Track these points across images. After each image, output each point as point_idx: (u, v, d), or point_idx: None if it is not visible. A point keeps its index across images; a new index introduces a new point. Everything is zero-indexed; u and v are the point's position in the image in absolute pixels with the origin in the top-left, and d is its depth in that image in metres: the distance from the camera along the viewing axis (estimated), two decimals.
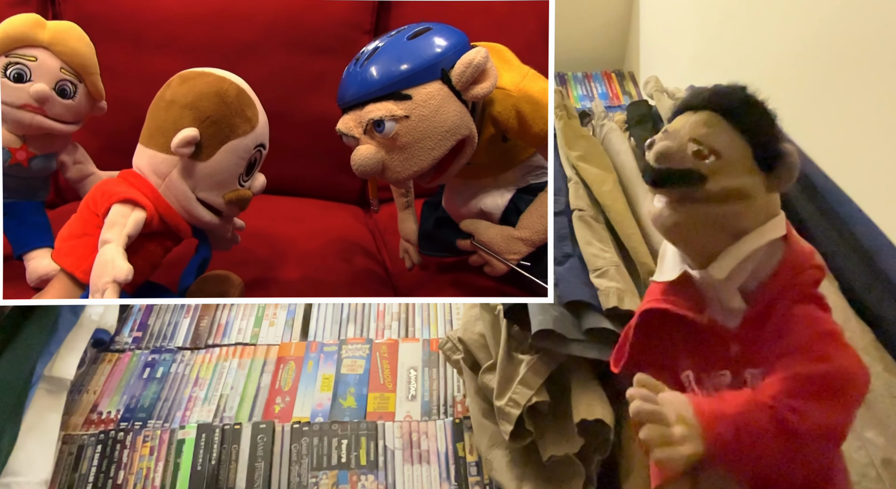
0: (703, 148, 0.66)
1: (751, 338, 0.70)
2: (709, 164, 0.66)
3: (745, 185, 0.66)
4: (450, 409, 1.33)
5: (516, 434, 1.04)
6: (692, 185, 0.66)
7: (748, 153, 0.66)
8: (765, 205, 0.68)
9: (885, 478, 0.83)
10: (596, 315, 1.02)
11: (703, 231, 0.68)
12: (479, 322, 1.20)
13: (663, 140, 0.68)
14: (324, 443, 1.26)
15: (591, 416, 0.97)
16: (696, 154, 0.66)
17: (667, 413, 0.63)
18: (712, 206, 0.66)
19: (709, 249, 0.68)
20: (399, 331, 1.53)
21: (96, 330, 1.42)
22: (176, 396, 1.38)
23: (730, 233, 0.67)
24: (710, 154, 0.66)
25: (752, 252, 0.67)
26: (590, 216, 1.20)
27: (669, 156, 0.67)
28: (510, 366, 1.07)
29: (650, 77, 1.55)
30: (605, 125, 1.47)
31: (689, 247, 0.71)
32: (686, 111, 0.70)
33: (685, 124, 0.68)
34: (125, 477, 1.22)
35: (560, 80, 2.38)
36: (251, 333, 1.53)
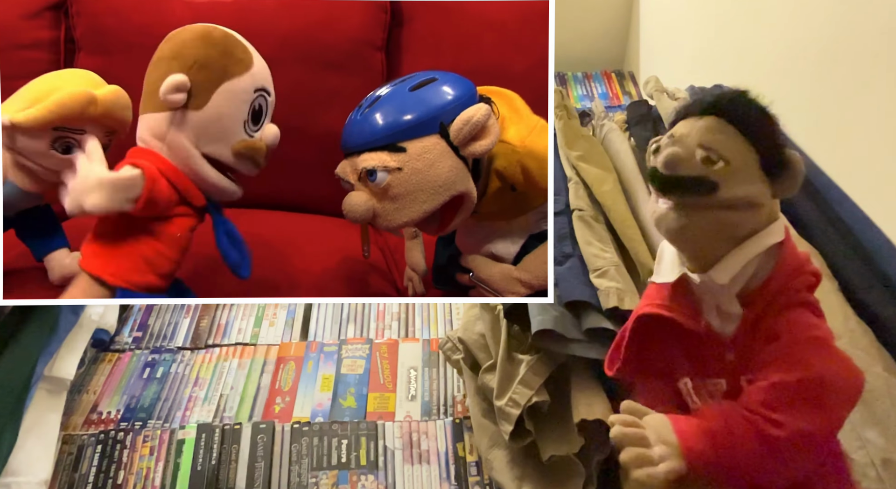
0: (712, 154, 0.65)
1: (745, 344, 0.70)
2: (718, 170, 0.65)
3: (755, 193, 0.66)
4: (450, 409, 1.33)
5: (516, 434, 1.04)
6: (704, 193, 0.65)
7: (755, 160, 0.66)
8: (773, 211, 0.68)
9: (886, 479, 0.83)
10: (596, 315, 1.02)
11: (708, 236, 0.67)
12: (479, 322, 1.20)
13: (670, 146, 0.67)
14: (324, 443, 1.26)
15: (591, 416, 0.97)
16: (705, 160, 0.65)
17: (647, 434, 0.64)
18: (721, 212, 0.66)
19: (711, 254, 0.68)
20: (399, 331, 1.53)
21: (96, 330, 1.42)
22: (176, 396, 1.38)
23: (734, 238, 0.67)
24: (720, 160, 0.65)
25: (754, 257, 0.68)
26: (590, 216, 1.20)
27: (678, 162, 0.66)
28: (510, 366, 1.07)
29: (650, 77, 1.55)
30: (605, 125, 1.47)
31: (691, 251, 0.71)
32: (689, 116, 0.69)
33: (692, 129, 0.67)
34: (125, 477, 1.22)
35: (560, 80, 2.38)
36: (251, 333, 1.53)
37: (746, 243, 0.67)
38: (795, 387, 0.63)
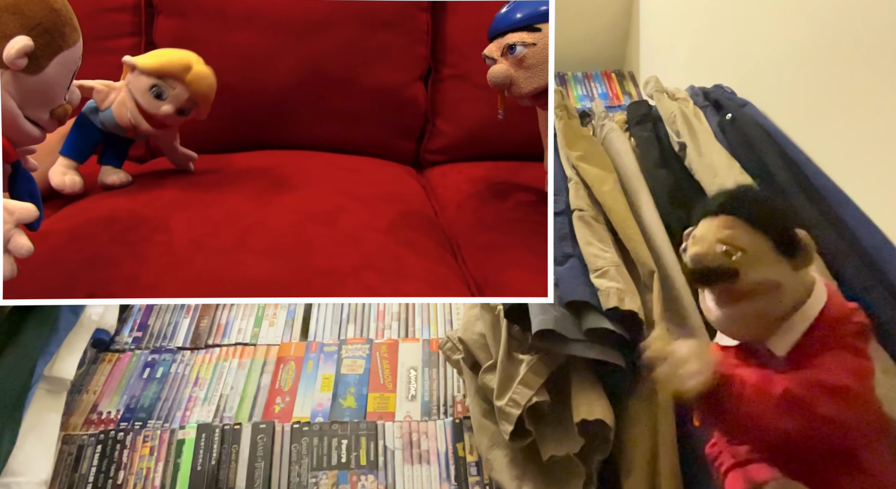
0: (729, 248, 0.77)
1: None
2: (737, 260, 0.76)
3: (774, 275, 0.76)
4: (450, 409, 1.33)
5: (516, 434, 1.04)
6: (728, 280, 0.76)
7: (769, 245, 0.76)
8: (799, 283, 0.77)
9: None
10: (596, 315, 1.02)
11: (753, 324, 0.78)
12: (480, 322, 1.20)
13: (694, 246, 0.80)
14: (324, 443, 1.26)
15: (592, 416, 0.97)
16: (725, 253, 0.77)
17: (681, 352, 0.72)
18: (751, 302, 0.76)
19: (762, 334, 0.78)
20: (399, 331, 1.53)
21: (96, 330, 1.42)
22: (176, 396, 1.38)
23: (774, 318, 0.77)
24: (737, 251, 0.76)
25: (807, 328, 0.76)
26: (590, 216, 1.20)
27: (702, 257, 0.78)
28: (510, 366, 1.07)
29: (650, 77, 1.55)
30: (605, 125, 1.47)
31: (745, 337, 0.81)
32: (707, 216, 0.80)
33: (709, 229, 0.79)
34: (125, 477, 1.22)
35: (560, 80, 2.38)
36: (251, 333, 1.53)
37: (796, 316, 0.77)
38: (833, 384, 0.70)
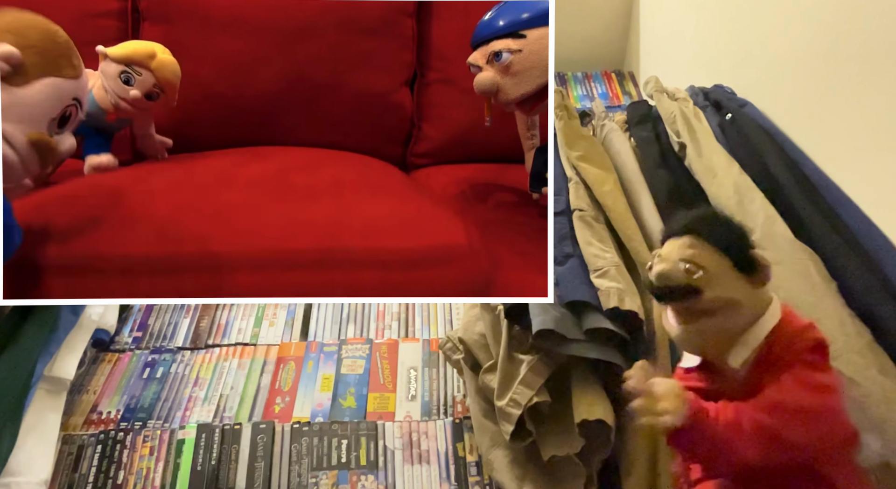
0: (691, 266, 0.80)
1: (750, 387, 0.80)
2: (699, 278, 0.80)
3: (734, 293, 0.80)
4: (450, 409, 1.33)
5: (517, 434, 1.04)
6: (690, 297, 0.79)
7: (729, 264, 0.80)
8: (757, 300, 0.81)
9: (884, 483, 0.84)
10: (597, 315, 1.02)
11: (709, 340, 0.82)
12: (480, 322, 1.20)
13: (659, 264, 0.82)
14: (324, 443, 1.26)
15: (592, 416, 0.97)
16: (687, 272, 0.80)
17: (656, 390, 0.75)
18: (711, 318, 0.80)
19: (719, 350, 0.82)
20: (399, 331, 1.53)
21: (96, 330, 1.42)
22: (176, 396, 1.38)
23: (734, 334, 0.81)
24: (699, 269, 0.80)
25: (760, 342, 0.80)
26: (590, 216, 1.20)
27: (666, 275, 0.81)
28: (511, 367, 1.07)
29: (650, 77, 1.55)
30: (605, 125, 1.47)
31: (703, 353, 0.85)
32: (672, 236, 0.84)
33: (673, 249, 0.83)
34: (125, 477, 1.22)
35: (560, 80, 2.38)
36: (251, 333, 1.53)
37: (751, 331, 0.80)
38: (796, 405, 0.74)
